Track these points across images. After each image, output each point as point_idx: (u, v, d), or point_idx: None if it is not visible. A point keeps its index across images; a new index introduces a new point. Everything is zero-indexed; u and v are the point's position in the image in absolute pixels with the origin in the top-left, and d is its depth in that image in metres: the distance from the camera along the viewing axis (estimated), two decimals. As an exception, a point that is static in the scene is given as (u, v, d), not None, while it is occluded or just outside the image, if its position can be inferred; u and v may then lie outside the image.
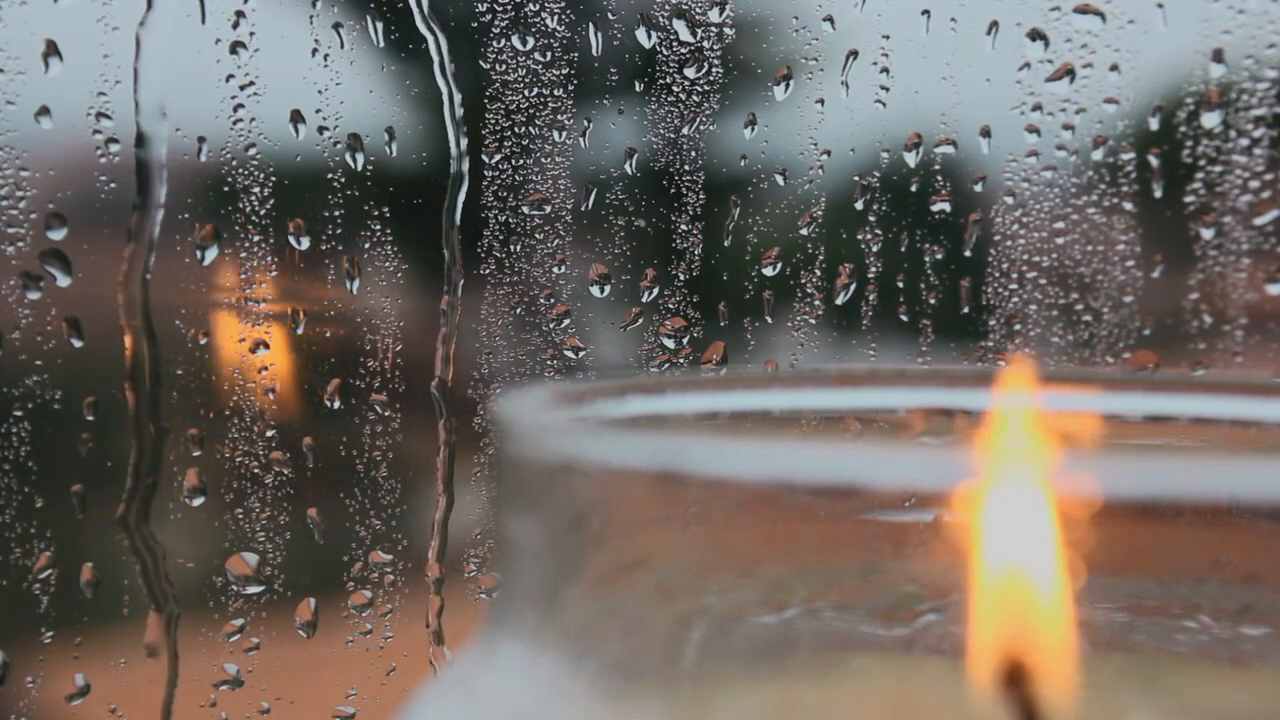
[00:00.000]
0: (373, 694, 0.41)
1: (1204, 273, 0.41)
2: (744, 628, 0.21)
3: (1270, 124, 0.40)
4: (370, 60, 0.40)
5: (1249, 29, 0.40)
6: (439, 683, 0.21)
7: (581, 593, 0.20)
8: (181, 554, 0.39)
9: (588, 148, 0.41)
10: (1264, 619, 0.22)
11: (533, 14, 0.40)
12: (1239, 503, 0.18)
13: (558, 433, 0.20)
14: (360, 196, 0.40)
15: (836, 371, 0.32)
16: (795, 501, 0.18)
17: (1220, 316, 0.41)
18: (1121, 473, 0.16)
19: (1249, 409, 0.24)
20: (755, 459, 0.18)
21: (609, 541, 0.20)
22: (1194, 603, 0.23)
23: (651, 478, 0.19)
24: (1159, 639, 0.22)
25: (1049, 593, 0.18)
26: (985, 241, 0.42)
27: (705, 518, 0.19)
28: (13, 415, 0.37)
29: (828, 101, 0.41)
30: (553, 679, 0.19)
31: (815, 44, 0.41)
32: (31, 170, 0.37)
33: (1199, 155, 0.41)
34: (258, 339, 0.39)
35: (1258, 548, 0.22)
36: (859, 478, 0.17)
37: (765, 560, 0.21)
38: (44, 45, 0.36)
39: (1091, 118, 0.41)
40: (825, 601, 0.22)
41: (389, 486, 0.41)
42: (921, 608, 0.21)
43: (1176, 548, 0.22)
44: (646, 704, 0.19)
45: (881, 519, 0.19)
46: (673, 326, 0.42)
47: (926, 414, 0.25)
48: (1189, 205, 0.41)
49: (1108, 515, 0.17)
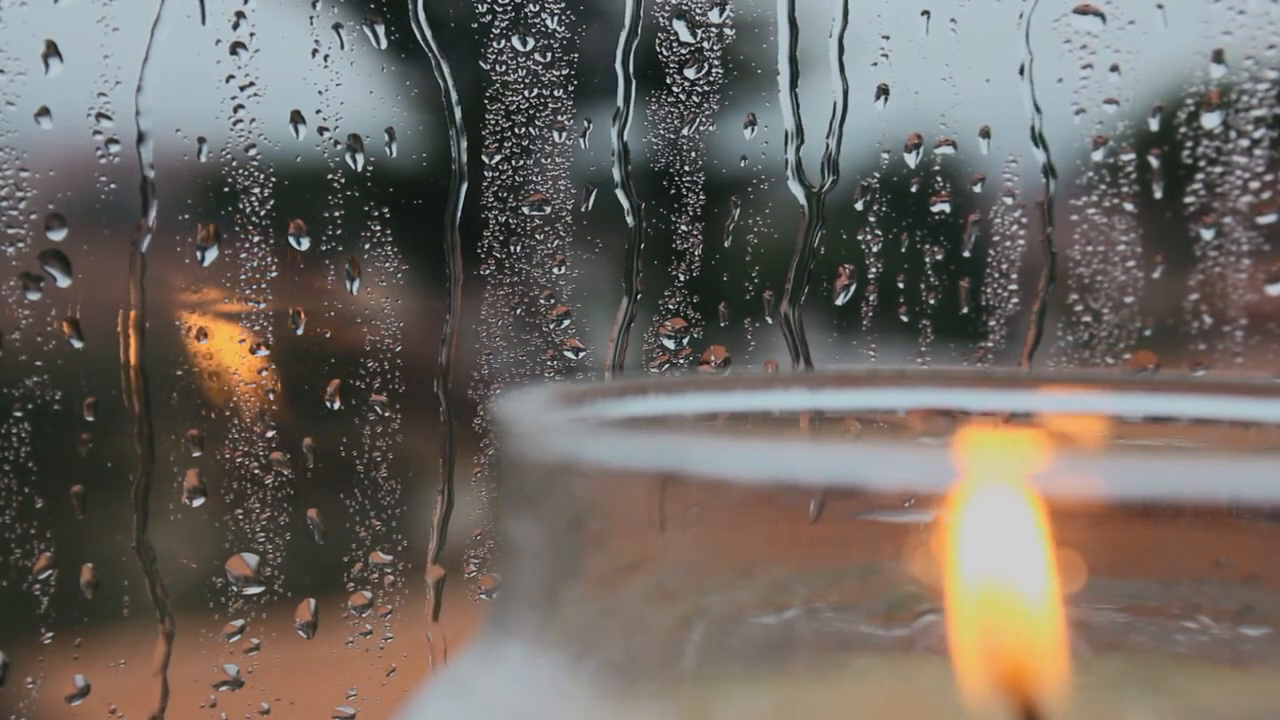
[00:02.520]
0: (373, 694, 0.41)
1: (1204, 273, 0.41)
2: (744, 628, 0.21)
3: (1270, 125, 0.40)
4: (370, 61, 0.40)
5: (1249, 30, 0.40)
6: (439, 683, 0.21)
7: (581, 593, 0.20)
8: (181, 554, 0.39)
9: (588, 148, 0.41)
10: (1264, 619, 0.22)
11: (533, 14, 0.40)
12: (1239, 503, 0.18)
13: (558, 433, 0.20)
14: (360, 197, 0.40)
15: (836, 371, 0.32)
16: (795, 501, 0.18)
17: (1220, 317, 0.41)
18: (1122, 473, 0.16)
19: (1249, 409, 0.24)
20: (755, 459, 0.18)
21: (609, 541, 0.20)
22: (1194, 603, 0.23)
23: (651, 478, 0.19)
24: (1159, 639, 0.22)
25: (1049, 593, 0.18)
26: (984, 242, 0.42)
27: (705, 518, 0.19)
28: (13, 415, 0.37)
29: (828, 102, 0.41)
30: (553, 679, 0.19)
31: (816, 44, 0.41)
32: (31, 171, 0.37)
33: (1199, 156, 0.41)
34: (258, 339, 0.39)
35: (1258, 548, 0.22)
36: (859, 478, 0.17)
37: (765, 560, 0.21)
38: (44, 45, 0.36)
39: (1091, 118, 0.41)
40: (825, 602, 0.22)
41: (389, 487, 0.41)
42: (921, 608, 0.21)
43: (1176, 548, 0.22)
44: (646, 704, 0.19)
45: (882, 519, 0.19)
46: (673, 327, 0.42)
47: (926, 414, 0.25)
48: (1189, 206, 0.41)
49: (1108, 516, 0.17)
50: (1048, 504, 0.17)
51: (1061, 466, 0.16)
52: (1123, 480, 0.16)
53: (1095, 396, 0.25)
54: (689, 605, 0.21)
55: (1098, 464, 0.16)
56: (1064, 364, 0.42)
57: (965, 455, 0.17)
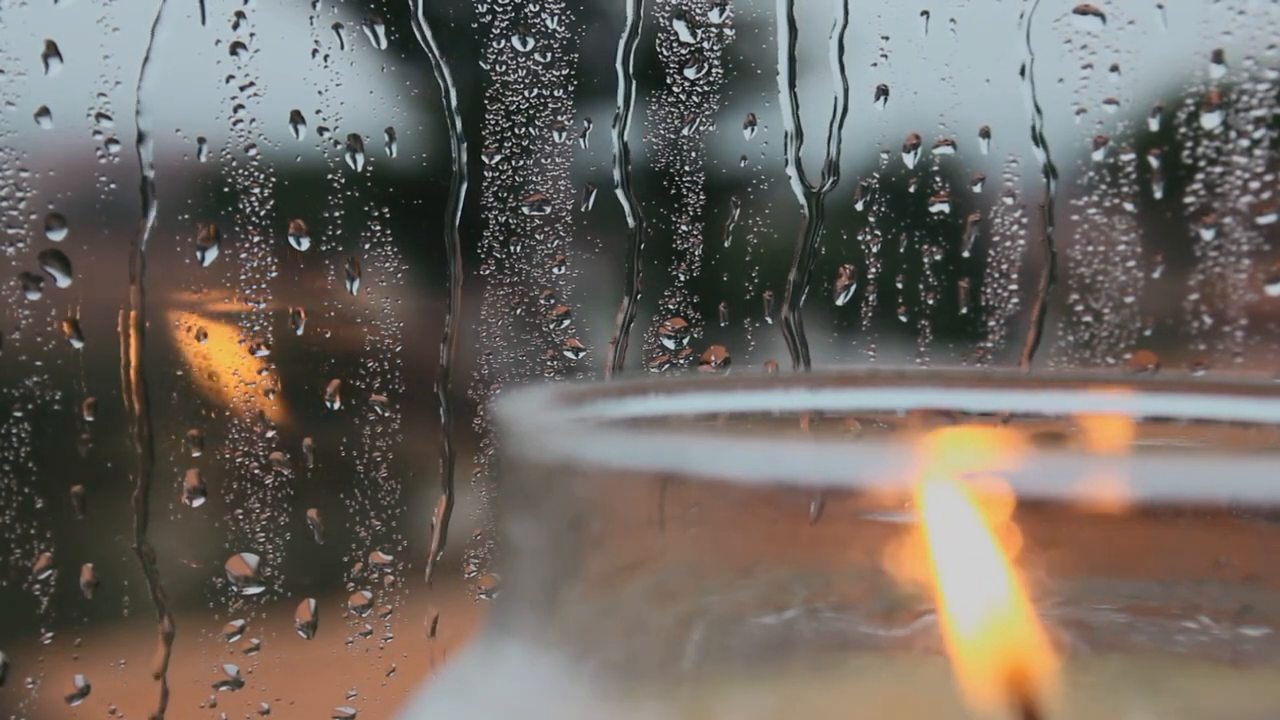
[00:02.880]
0: (373, 694, 0.41)
1: (1204, 273, 0.41)
2: (744, 628, 0.21)
3: (1270, 125, 0.40)
4: (370, 61, 0.40)
5: (1249, 30, 0.40)
6: (439, 683, 0.21)
7: (581, 593, 0.20)
8: (181, 554, 0.39)
9: (588, 148, 0.41)
10: (1264, 619, 0.22)
11: (533, 14, 0.40)
12: (1239, 503, 0.18)
13: (558, 433, 0.20)
14: (360, 197, 0.40)
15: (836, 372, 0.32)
16: (795, 501, 0.18)
17: (1220, 317, 0.41)
18: (1122, 473, 0.16)
19: (1249, 409, 0.24)
20: (755, 459, 0.18)
21: (609, 541, 0.20)
22: (1194, 603, 0.23)
23: (651, 478, 0.19)
24: (1159, 639, 0.22)
25: (1049, 593, 0.18)
26: (984, 242, 0.42)
27: (705, 518, 0.19)
28: (13, 416, 0.37)
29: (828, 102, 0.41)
30: (553, 679, 0.19)
31: (816, 44, 0.41)
32: (31, 171, 0.37)
33: (1199, 156, 0.41)
34: (258, 339, 0.39)
35: (1258, 548, 0.22)
36: (859, 478, 0.17)
37: (765, 560, 0.21)
38: (44, 45, 0.36)
39: (1091, 118, 0.41)
40: (825, 602, 0.22)
41: (389, 487, 0.41)
42: (921, 608, 0.21)
43: (1176, 548, 0.22)
44: (646, 704, 0.19)
45: (882, 519, 0.19)
46: (673, 327, 0.42)
47: (926, 414, 0.25)
48: (1189, 206, 0.41)
49: (1108, 515, 0.17)
50: (1048, 504, 0.17)
51: (1061, 466, 0.17)
52: (1123, 480, 0.16)
53: (1095, 397, 0.25)
54: (689, 605, 0.21)
55: (1098, 464, 0.16)
56: (1064, 364, 0.42)
57: (965, 456, 0.17)
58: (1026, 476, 0.17)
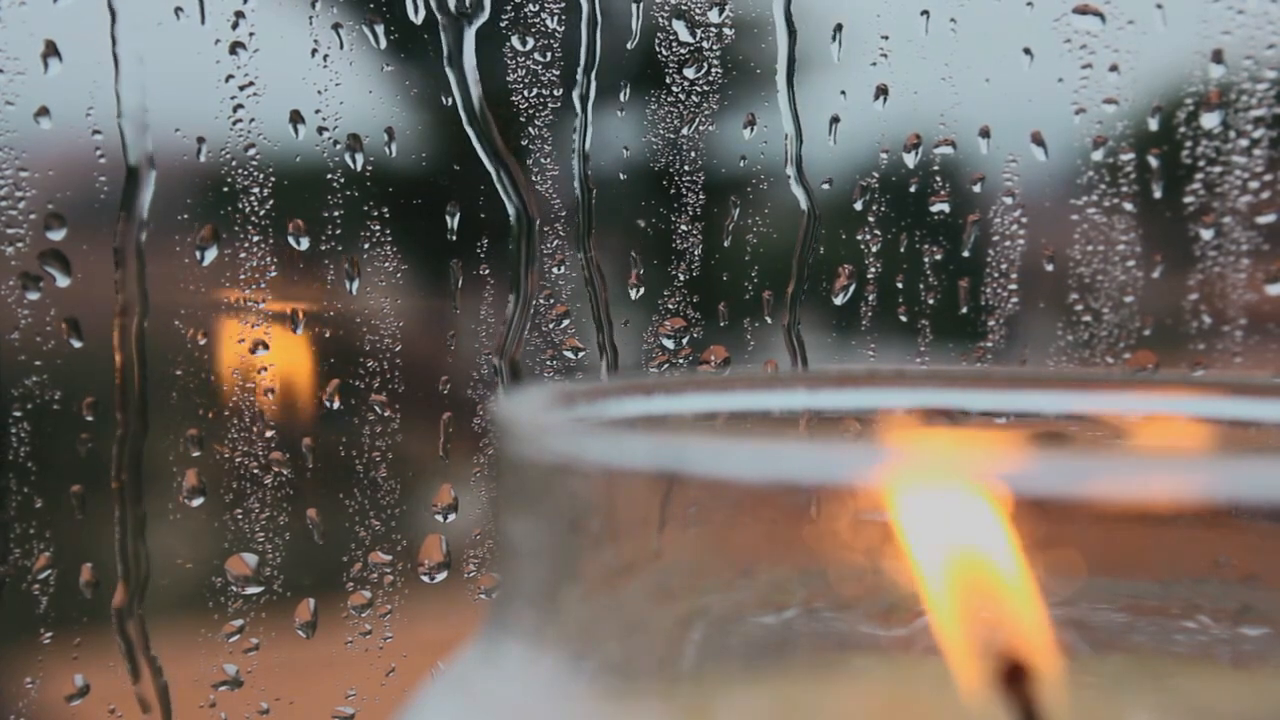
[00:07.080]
0: (372, 694, 0.41)
1: (1204, 273, 0.41)
2: (744, 628, 0.21)
3: (1270, 124, 0.40)
4: (370, 61, 0.40)
5: (1248, 29, 0.40)
6: (439, 683, 0.21)
7: (581, 593, 0.20)
8: (181, 555, 0.39)
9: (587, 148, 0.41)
10: (1264, 619, 0.22)
11: (532, 14, 0.40)
12: (1239, 503, 0.18)
13: (558, 433, 0.20)
14: (360, 197, 0.40)
15: (836, 371, 0.32)
16: (795, 501, 0.18)
17: (1220, 317, 0.41)
18: (1122, 472, 0.16)
19: (1249, 409, 0.24)
20: (755, 459, 0.18)
21: (609, 542, 0.20)
22: (1194, 603, 0.23)
23: (651, 478, 0.19)
24: (1159, 639, 0.22)
25: (1048, 593, 0.18)
26: (984, 242, 0.42)
27: (705, 518, 0.19)
28: (13, 415, 0.37)
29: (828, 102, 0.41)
30: (553, 679, 0.19)
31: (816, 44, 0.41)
32: (31, 170, 0.37)
33: (1199, 156, 0.41)
34: (257, 339, 0.39)
35: (1258, 548, 0.22)
36: (858, 478, 0.17)
37: (765, 560, 0.21)
38: (44, 45, 0.36)
39: (1091, 118, 0.41)
40: (824, 602, 0.22)
41: (389, 487, 0.41)
42: (921, 608, 0.21)
43: (1176, 548, 0.22)
44: (646, 704, 0.19)
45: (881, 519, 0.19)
46: (672, 327, 0.42)
47: (926, 414, 0.25)
48: (1189, 206, 0.41)
49: (1107, 515, 0.17)
50: (1047, 504, 0.17)
51: (1061, 466, 0.16)
52: (1123, 479, 0.16)
53: (1095, 396, 0.25)
54: (689, 605, 0.21)
55: (1097, 464, 0.16)
56: (1064, 364, 0.42)
57: (965, 456, 0.17)
58: (1026, 476, 0.17)
